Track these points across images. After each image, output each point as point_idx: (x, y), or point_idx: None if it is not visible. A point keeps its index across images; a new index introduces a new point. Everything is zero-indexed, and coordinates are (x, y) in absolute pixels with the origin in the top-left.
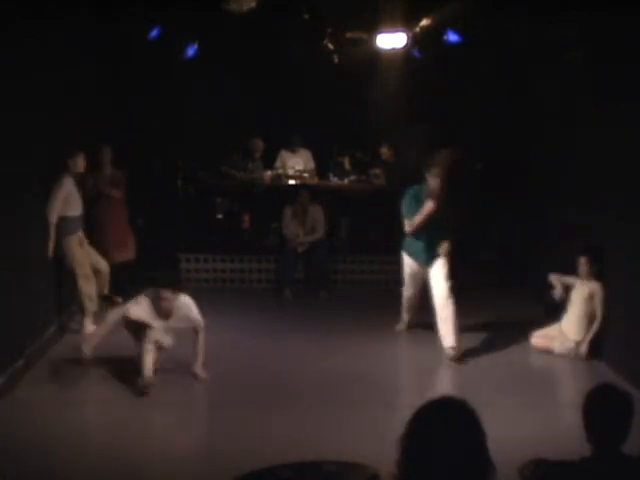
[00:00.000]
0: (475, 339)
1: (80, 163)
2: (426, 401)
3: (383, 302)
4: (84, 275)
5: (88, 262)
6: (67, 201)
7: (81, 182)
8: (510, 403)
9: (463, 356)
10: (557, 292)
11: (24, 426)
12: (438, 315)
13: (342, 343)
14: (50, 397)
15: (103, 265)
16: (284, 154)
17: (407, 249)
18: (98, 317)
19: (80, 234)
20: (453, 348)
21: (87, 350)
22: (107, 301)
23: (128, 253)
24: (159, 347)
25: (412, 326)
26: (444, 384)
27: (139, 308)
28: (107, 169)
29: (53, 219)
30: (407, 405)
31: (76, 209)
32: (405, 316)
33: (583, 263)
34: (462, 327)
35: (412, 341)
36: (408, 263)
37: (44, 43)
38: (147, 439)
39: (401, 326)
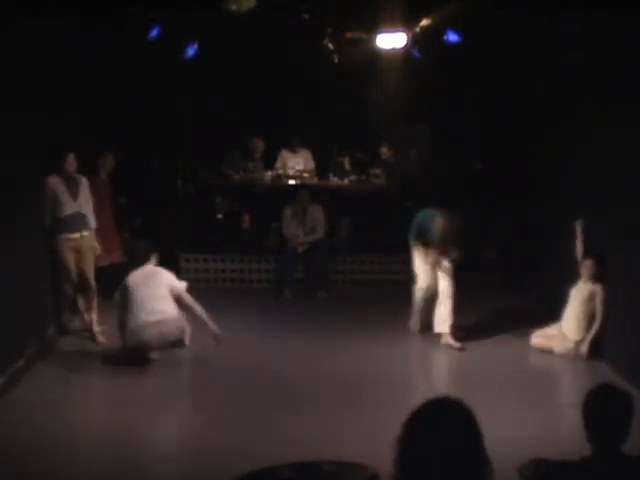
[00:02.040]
0: (475, 339)
1: (71, 163)
2: (423, 401)
3: (383, 302)
4: (66, 277)
5: (74, 268)
6: (54, 202)
7: (71, 181)
8: (510, 403)
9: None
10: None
11: (24, 426)
12: (439, 303)
13: (342, 343)
14: (50, 397)
15: (91, 283)
16: (285, 154)
17: (416, 242)
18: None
19: (73, 236)
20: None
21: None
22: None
23: (113, 256)
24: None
25: (424, 327)
26: (444, 384)
27: None
28: (103, 174)
29: (46, 220)
30: (407, 405)
31: (64, 209)
32: (418, 317)
33: (588, 265)
34: (462, 327)
35: (412, 341)
36: (419, 249)
37: (44, 43)
38: (147, 439)
39: (415, 326)
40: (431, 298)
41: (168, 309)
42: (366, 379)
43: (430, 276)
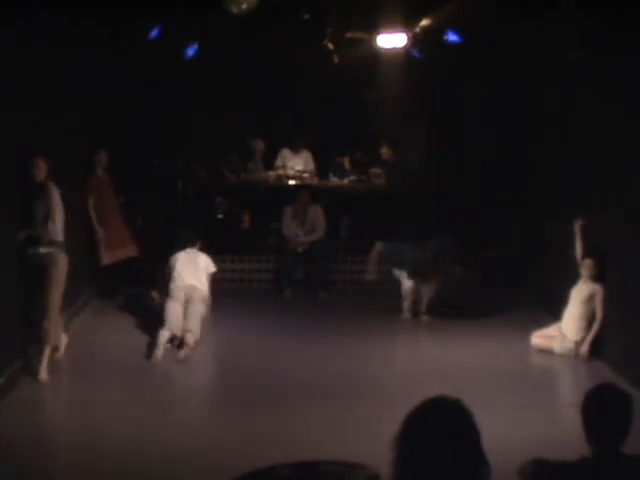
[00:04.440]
0: (475, 339)
1: (39, 168)
2: (420, 401)
3: (383, 302)
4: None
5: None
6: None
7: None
8: (510, 403)
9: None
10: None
11: (24, 426)
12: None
13: (341, 343)
14: (50, 397)
15: (50, 318)
16: (286, 153)
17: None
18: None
19: (32, 252)
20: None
21: None
22: (110, 298)
23: (128, 250)
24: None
25: (416, 311)
26: (443, 384)
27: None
28: (100, 172)
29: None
30: (407, 405)
31: (27, 222)
32: (406, 303)
33: (588, 265)
34: (462, 327)
35: (411, 341)
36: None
37: (44, 44)
38: (147, 439)
39: (406, 314)
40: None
41: (200, 282)
42: (366, 379)
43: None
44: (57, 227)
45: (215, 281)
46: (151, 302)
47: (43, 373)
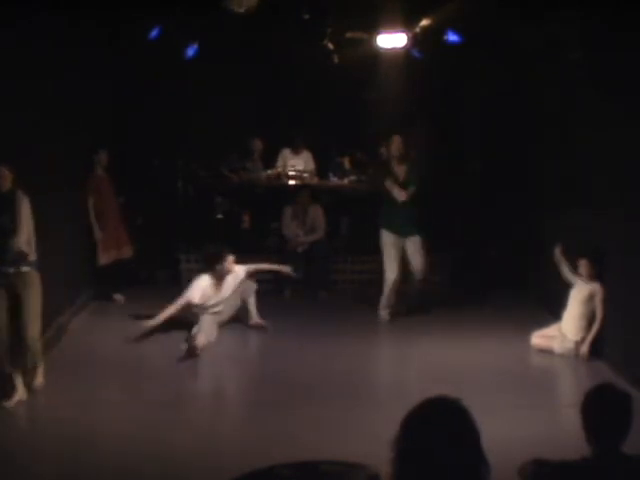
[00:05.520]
0: (475, 339)
1: (5, 178)
2: (420, 401)
3: None
4: None
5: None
6: None
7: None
8: (510, 403)
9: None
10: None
11: (24, 427)
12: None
13: (341, 343)
14: (49, 397)
15: (29, 338)
16: (286, 153)
17: (387, 224)
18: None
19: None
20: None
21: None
22: (107, 299)
23: (123, 252)
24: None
25: (395, 312)
26: (443, 384)
27: (198, 290)
28: (100, 171)
29: None
30: (407, 405)
31: None
32: (387, 302)
33: (584, 265)
34: (462, 327)
35: (412, 341)
36: (388, 236)
37: (44, 44)
38: (147, 439)
39: (386, 316)
40: (399, 281)
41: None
42: (366, 379)
43: (398, 265)
44: (25, 240)
45: None
46: (113, 303)
47: (40, 378)
